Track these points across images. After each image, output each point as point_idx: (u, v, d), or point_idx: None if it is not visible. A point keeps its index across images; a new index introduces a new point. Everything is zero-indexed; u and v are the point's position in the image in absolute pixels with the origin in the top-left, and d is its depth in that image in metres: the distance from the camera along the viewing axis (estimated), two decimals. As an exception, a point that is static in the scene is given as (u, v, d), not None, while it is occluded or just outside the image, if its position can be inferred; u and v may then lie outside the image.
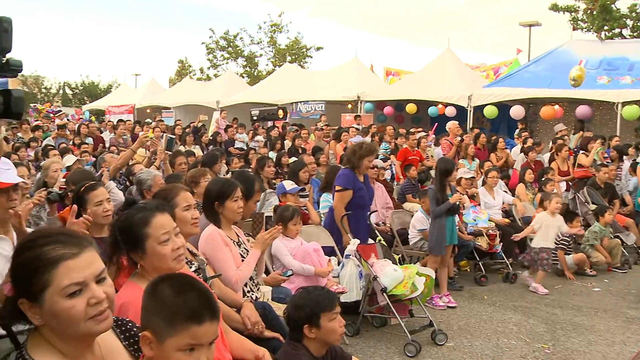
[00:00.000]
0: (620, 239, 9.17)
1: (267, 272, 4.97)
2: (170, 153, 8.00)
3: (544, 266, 7.51)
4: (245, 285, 4.04)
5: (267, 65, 40.49)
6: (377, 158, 9.55)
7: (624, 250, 9.08)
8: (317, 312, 3.15)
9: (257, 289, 4.20)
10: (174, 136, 10.30)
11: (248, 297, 4.01)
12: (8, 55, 2.04)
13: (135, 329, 2.08)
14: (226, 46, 39.89)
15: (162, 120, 18.18)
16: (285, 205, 5.92)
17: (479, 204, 8.68)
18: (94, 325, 1.76)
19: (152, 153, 7.45)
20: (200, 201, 4.25)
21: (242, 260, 4.03)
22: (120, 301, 2.43)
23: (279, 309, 3.98)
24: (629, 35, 21.07)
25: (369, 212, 6.52)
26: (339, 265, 5.84)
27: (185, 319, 1.84)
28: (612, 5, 20.67)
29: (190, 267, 3.38)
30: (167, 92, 28.87)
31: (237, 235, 4.25)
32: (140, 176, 5.92)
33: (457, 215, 7.14)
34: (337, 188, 6.38)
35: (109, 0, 77.82)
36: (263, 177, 8.22)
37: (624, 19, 21.15)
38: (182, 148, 11.62)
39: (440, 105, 17.18)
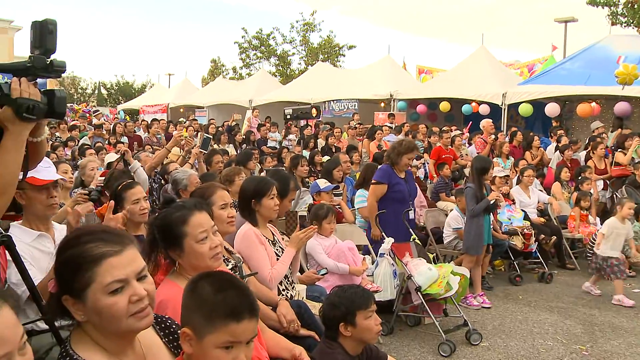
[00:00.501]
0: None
1: (301, 271, 4.99)
2: (206, 152, 8.09)
3: (617, 273, 7.02)
4: (280, 283, 4.06)
5: (299, 64, 40.66)
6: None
7: (664, 250, 8.87)
8: (353, 310, 3.16)
9: (292, 287, 4.22)
10: (210, 135, 10.38)
11: (283, 295, 4.03)
12: (52, 57, 2.09)
13: (174, 326, 2.11)
14: (259, 45, 40.10)
15: (196, 120, 18.37)
16: (320, 203, 5.94)
17: (514, 203, 8.59)
18: (135, 322, 1.79)
19: (186, 152, 7.53)
20: (235, 200, 4.29)
21: (277, 259, 4.06)
22: (159, 299, 2.46)
23: (314, 307, 3.99)
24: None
25: (410, 209, 6.50)
26: (373, 264, 5.84)
27: (225, 317, 1.87)
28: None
29: (227, 265, 3.41)
30: (200, 92, 29.14)
31: (273, 234, 4.28)
32: (176, 176, 5.99)
33: (492, 214, 7.08)
34: (372, 182, 6.48)
35: (141, 2, 78.67)
36: (297, 176, 8.25)
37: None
38: (216, 147, 11.74)
39: (474, 104, 17.01)
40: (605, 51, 15.90)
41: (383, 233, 6.10)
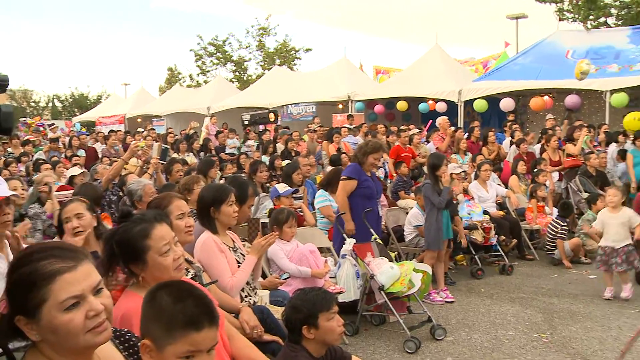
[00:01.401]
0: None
1: (264, 276, 5.00)
2: (164, 162, 8.02)
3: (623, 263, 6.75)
4: (243, 290, 4.06)
5: (256, 69, 40.53)
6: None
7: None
8: (315, 312, 3.17)
9: (255, 294, 4.22)
10: (167, 145, 10.30)
11: (246, 302, 4.03)
12: (-6, 72, 2.05)
13: (134, 339, 2.09)
14: (215, 52, 39.84)
15: (154, 129, 18.17)
16: (280, 208, 5.95)
17: (473, 198, 8.74)
18: (93, 338, 1.76)
19: (144, 162, 7.46)
20: (194, 208, 4.28)
21: (239, 266, 4.05)
22: (121, 312, 2.45)
23: (277, 312, 3.99)
24: (614, 24, 21.17)
25: (373, 208, 6.57)
26: (335, 265, 5.87)
27: (184, 326, 1.86)
28: (597, -5, 20.82)
29: (187, 275, 3.39)
30: (158, 101, 28.85)
31: (233, 241, 4.27)
32: (130, 187, 5.91)
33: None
34: (342, 178, 6.56)
35: (93, 10, 77.31)
36: (256, 182, 8.25)
37: (609, 8, 21.26)
38: (175, 156, 11.65)
39: (430, 102, 17.22)
40: (554, 46, 16.32)
41: (344, 234, 6.16)
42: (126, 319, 2.39)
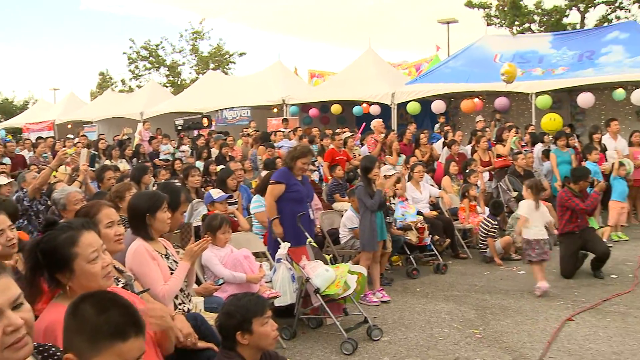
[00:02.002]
0: (541, 222, 9.56)
1: (198, 282, 4.93)
2: (94, 169, 7.82)
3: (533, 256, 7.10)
4: (176, 297, 4.00)
5: (190, 73, 40.15)
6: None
7: (545, 233, 9.47)
8: (248, 317, 3.16)
9: (189, 301, 4.16)
10: (96, 152, 10.04)
11: (180, 309, 3.97)
12: None
13: (58, 354, 2.03)
14: (148, 56, 39.17)
15: (85, 136, 17.70)
16: (213, 214, 5.89)
17: (407, 199, 8.88)
18: (11, 354, 1.70)
19: (72, 170, 7.24)
20: (126, 216, 4.19)
21: (171, 273, 3.99)
22: (45, 324, 2.37)
23: (212, 318, 3.95)
24: (537, 30, 22.02)
25: (305, 212, 6.58)
26: (270, 270, 5.85)
27: (109, 337, 1.82)
28: (521, 2, 21.56)
29: (118, 284, 3.32)
30: (89, 106, 28.06)
31: (165, 248, 4.20)
32: (54, 196, 5.73)
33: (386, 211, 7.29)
34: (270, 182, 6.56)
35: (18, 11, 74.60)
36: (190, 187, 8.15)
37: (532, 15, 22.09)
38: (107, 162, 11.38)
39: (364, 105, 17.40)
40: (483, 50, 16.79)
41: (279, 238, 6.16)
42: (50, 331, 2.32)
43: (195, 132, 15.74)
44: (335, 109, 18.03)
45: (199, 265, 5.25)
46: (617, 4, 21.46)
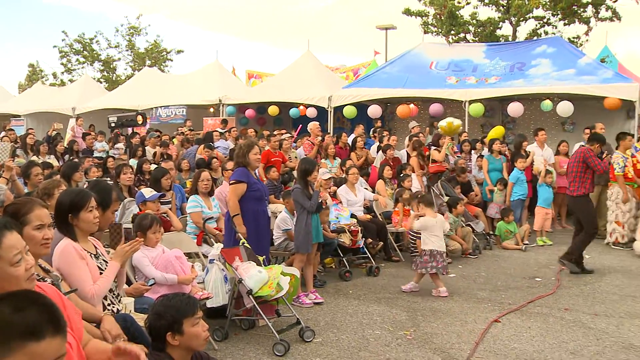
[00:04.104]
0: (471, 227, 9.88)
1: (129, 283, 4.84)
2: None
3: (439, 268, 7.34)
4: (105, 298, 3.92)
5: (125, 69, 39.23)
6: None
7: (475, 237, 9.81)
8: (179, 318, 3.12)
9: (119, 301, 4.08)
10: (15, 145, 9.67)
11: (109, 310, 3.89)
12: None
13: None
14: (81, 50, 38.05)
15: (12, 130, 17.03)
16: (144, 213, 5.79)
17: (341, 202, 8.96)
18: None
19: (-1, 166, 6.98)
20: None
21: (101, 273, 3.90)
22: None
23: (143, 319, 3.89)
24: (472, 40, 22.62)
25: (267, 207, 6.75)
26: (203, 270, 5.80)
27: (22, 336, 1.75)
28: (458, 12, 22.10)
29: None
30: (17, 99, 27.02)
31: (95, 247, 4.10)
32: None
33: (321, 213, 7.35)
34: (231, 182, 6.57)
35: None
36: (122, 185, 7.99)
37: (467, 25, 22.69)
38: (35, 158, 11.02)
39: (301, 107, 17.45)
40: (420, 57, 17.12)
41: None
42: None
43: (130, 130, 15.40)
44: (272, 110, 18.01)
45: (130, 265, 5.15)
46: (545, 20, 22.33)
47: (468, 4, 22.59)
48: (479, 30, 22.84)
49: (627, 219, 10.15)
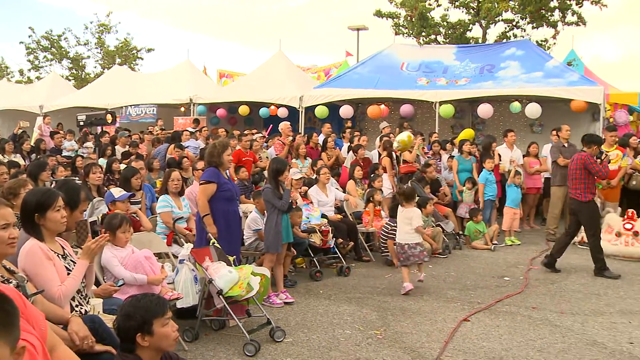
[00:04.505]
0: (441, 227, 9.97)
1: (98, 284, 4.79)
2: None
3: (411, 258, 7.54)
4: (73, 299, 3.87)
5: (95, 67, 38.70)
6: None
7: (445, 237, 9.90)
8: (149, 318, 3.10)
9: (87, 302, 4.03)
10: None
11: (76, 311, 3.84)
12: None
13: None
14: (49, 47, 37.43)
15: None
16: (113, 213, 5.74)
17: (311, 202, 8.97)
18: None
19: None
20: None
21: (69, 274, 3.85)
22: None
23: (111, 320, 3.85)
24: (442, 42, 22.84)
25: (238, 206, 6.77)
26: (173, 271, 5.76)
27: None
28: (429, 14, 22.29)
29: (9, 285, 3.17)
30: (-20, 96, 26.46)
31: (62, 248, 4.05)
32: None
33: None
34: (201, 182, 6.54)
35: None
36: (91, 185, 7.89)
37: (438, 27, 22.90)
38: (0, 157, 10.83)
39: (272, 107, 17.42)
40: (391, 58, 17.20)
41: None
42: None
43: (99, 129, 15.21)
44: (243, 110, 17.92)
45: (99, 266, 5.09)
46: (514, 23, 22.65)
47: (439, 6, 22.81)
48: (449, 32, 23.09)
49: (593, 219, 10.33)
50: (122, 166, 9.51)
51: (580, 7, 21.02)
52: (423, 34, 22.44)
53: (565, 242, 8.65)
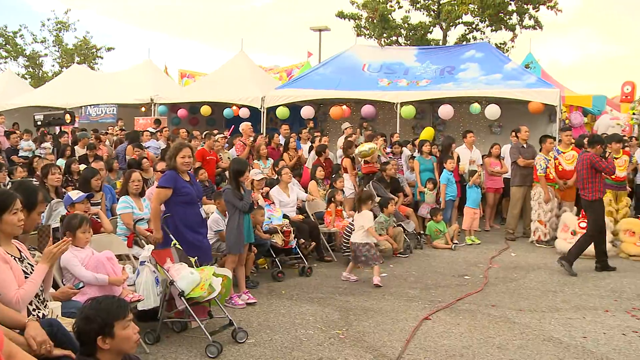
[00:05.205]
0: (402, 227, 10.07)
1: (56, 287, 4.71)
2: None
3: (370, 260, 7.91)
4: (30, 303, 3.79)
5: (53, 66, 37.95)
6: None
7: (406, 237, 10.01)
8: (110, 321, 3.05)
9: (45, 306, 3.96)
10: None
11: (34, 315, 3.77)
12: None
13: None
14: (3, 44, 36.55)
15: None
16: (73, 213, 5.66)
17: (273, 203, 8.97)
18: None
19: None
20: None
21: (26, 277, 3.78)
22: None
23: (70, 324, 3.78)
24: (404, 43, 23.05)
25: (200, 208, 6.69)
26: (134, 273, 5.70)
27: None
28: (390, 16, 22.46)
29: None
30: None
31: (19, 251, 3.97)
32: None
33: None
34: (157, 187, 6.49)
35: None
36: (49, 186, 7.74)
37: (399, 29, 23.10)
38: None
39: (234, 107, 17.34)
40: (352, 59, 17.29)
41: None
42: None
43: (58, 129, 14.90)
44: (205, 110, 17.80)
45: (57, 268, 5.00)
46: (474, 26, 23.00)
47: (400, 7, 22.98)
48: (410, 34, 23.30)
49: (549, 218, 10.61)
50: (82, 167, 9.35)
51: (537, 11, 21.42)
52: (384, 35, 22.58)
53: (579, 245, 8.68)
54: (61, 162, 10.63)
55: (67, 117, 13.07)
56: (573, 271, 8.42)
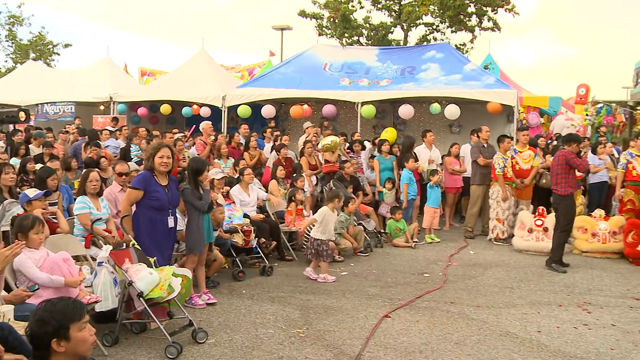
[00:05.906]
0: (363, 226, 10.15)
1: (9, 290, 4.61)
2: None
3: (324, 257, 8.16)
4: (-19, 307, 3.72)
5: (6, 62, 37.03)
6: (133, 161, 9.42)
7: (366, 236, 10.09)
8: (65, 323, 2.99)
9: (-3, 309, 3.88)
10: None
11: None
12: None
13: None
14: (-48, 37, 35.53)
15: None
16: (25, 214, 5.54)
17: (233, 202, 8.94)
18: None
19: None
20: None
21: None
22: None
23: (23, 327, 3.71)
24: (365, 43, 23.17)
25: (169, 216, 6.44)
26: (92, 273, 5.62)
27: None
28: (351, 16, 22.56)
29: None
30: None
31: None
32: None
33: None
34: (129, 186, 6.43)
35: None
36: (2, 186, 7.57)
37: (361, 29, 23.22)
38: None
39: (195, 106, 17.20)
40: (314, 58, 17.31)
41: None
42: None
43: (11, 127, 14.56)
44: (165, 109, 17.60)
45: (10, 270, 4.90)
46: (434, 27, 23.26)
47: (362, 8, 23.11)
48: (371, 34, 23.42)
49: (507, 216, 10.83)
50: (38, 166, 9.15)
51: (495, 13, 21.76)
52: (346, 35, 22.67)
53: (557, 244, 9.00)
54: (15, 161, 10.39)
55: (22, 114, 12.75)
56: (562, 269, 8.74)
